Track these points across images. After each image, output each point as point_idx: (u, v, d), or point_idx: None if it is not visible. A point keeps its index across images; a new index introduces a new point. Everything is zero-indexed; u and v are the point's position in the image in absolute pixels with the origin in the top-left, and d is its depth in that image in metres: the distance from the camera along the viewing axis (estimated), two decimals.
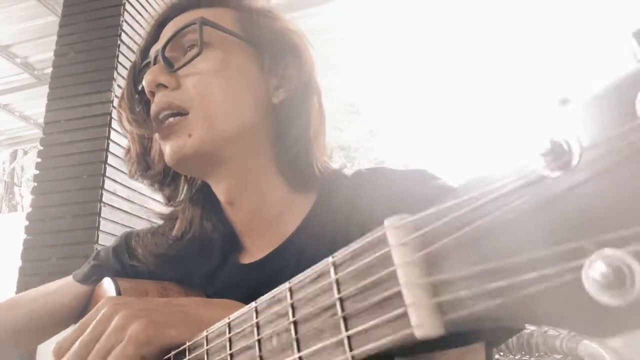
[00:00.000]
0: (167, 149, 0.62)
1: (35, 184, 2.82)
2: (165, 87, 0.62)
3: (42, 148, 2.83)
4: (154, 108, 0.63)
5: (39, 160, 2.82)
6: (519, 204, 0.18)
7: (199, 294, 0.68)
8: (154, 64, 0.65)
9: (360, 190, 0.62)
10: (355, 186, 0.63)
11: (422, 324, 0.20)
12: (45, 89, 2.98)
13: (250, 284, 0.63)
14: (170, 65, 0.63)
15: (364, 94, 7.95)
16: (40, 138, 2.88)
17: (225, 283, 0.66)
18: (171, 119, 0.62)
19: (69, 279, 0.77)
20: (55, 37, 3.01)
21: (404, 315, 0.21)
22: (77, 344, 0.50)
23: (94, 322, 0.50)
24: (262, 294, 0.62)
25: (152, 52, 0.68)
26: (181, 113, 0.61)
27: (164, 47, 0.64)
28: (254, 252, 0.66)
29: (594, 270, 0.15)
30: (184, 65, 0.62)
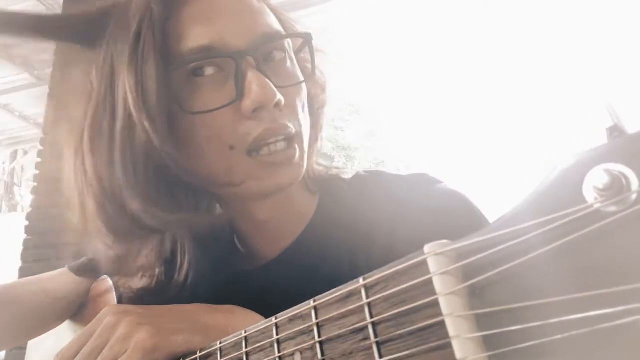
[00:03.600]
0: (275, 176, 0.53)
1: (35, 184, 2.81)
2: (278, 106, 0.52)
3: (42, 148, 2.82)
4: (260, 129, 0.51)
5: (39, 160, 2.81)
6: (571, 239, 0.17)
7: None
8: (238, 67, 0.51)
9: (362, 196, 0.62)
10: (356, 192, 0.63)
11: (467, 357, 0.19)
12: (45, 89, 2.96)
13: (252, 290, 0.62)
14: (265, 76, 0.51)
15: (364, 94, 7.95)
16: (40, 138, 2.87)
17: (226, 290, 0.65)
18: (283, 144, 0.53)
19: (63, 271, 0.74)
20: None
21: (448, 346, 0.20)
22: (80, 354, 0.49)
23: (97, 332, 0.49)
24: (266, 300, 0.62)
25: (207, 38, 0.51)
26: (288, 138, 0.53)
27: (255, 51, 0.52)
28: (254, 257, 0.65)
29: None
30: (295, 85, 0.55)
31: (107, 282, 0.67)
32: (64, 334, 0.74)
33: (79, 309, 0.74)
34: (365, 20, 4.14)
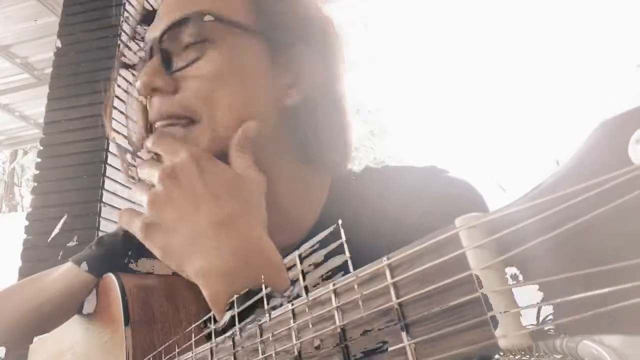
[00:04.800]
0: (159, 148, 0.57)
1: (35, 184, 2.80)
2: (161, 91, 0.58)
3: (42, 148, 2.81)
4: (151, 114, 0.59)
5: (39, 160, 2.80)
6: (619, 204, 0.17)
7: None
8: (151, 55, 0.59)
9: (371, 186, 0.62)
10: (365, 181, 0.63)
11: (507, 334, 0.19)
12: (45, 89, 2.96)
13: None
14: (167, 62, 0.58)
15: (365, 93, 7.95)
16: (40, 138, 2.86)
17: None
18: (173, 129, 0.57)
19: (68, 267, 0.71)
20: (55, 37, 2.99)
21: (485, 323, 0.19)
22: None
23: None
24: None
25: (149, 37, 0.62)
26: (186, 122, 0.57)
27: (159, 40, 0.58)
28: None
29: None
30: (182, 69, 0.57)
31: (112, 277, 0.67)
32: (69, 329, 0.73)
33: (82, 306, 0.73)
34: (364, 21, 4.14)
